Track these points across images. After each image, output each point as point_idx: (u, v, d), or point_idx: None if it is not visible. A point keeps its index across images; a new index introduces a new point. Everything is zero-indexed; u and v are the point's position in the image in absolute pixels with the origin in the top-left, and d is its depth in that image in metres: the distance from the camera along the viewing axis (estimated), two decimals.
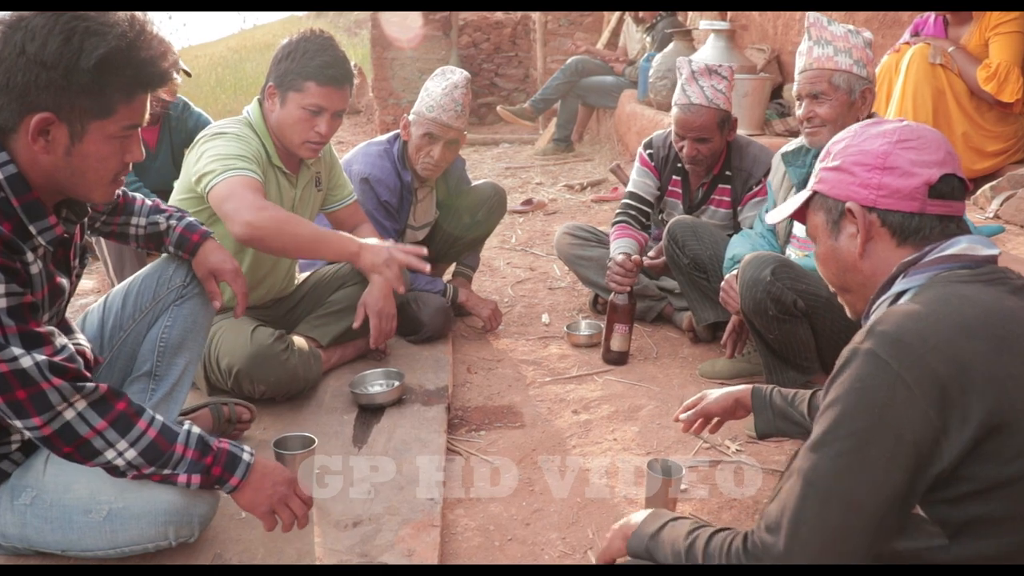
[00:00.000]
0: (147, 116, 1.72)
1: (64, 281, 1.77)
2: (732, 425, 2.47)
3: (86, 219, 1.91)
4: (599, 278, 3.56)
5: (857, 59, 2.56)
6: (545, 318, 3.67)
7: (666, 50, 6.14)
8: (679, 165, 3.39)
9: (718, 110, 3.18)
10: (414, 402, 2.70)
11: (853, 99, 2.54)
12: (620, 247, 3.30)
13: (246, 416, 2.45)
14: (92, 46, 1.53)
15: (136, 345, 2.13)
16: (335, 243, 2.53)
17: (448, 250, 3.66)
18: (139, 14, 1.65)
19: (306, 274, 3.07)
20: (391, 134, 3.37)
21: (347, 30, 17.44)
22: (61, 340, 1.64)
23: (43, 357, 1.56)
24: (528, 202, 5.66)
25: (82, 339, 1.99)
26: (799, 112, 2.62)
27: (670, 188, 3.46)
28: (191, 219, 2.19)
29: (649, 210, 3.51)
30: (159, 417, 1.71)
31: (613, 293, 3.17)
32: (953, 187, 1.42)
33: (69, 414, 1.60)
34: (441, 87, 3.22)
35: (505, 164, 7.19)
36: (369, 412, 2.63)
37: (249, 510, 1.82)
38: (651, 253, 3.35)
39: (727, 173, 3.34)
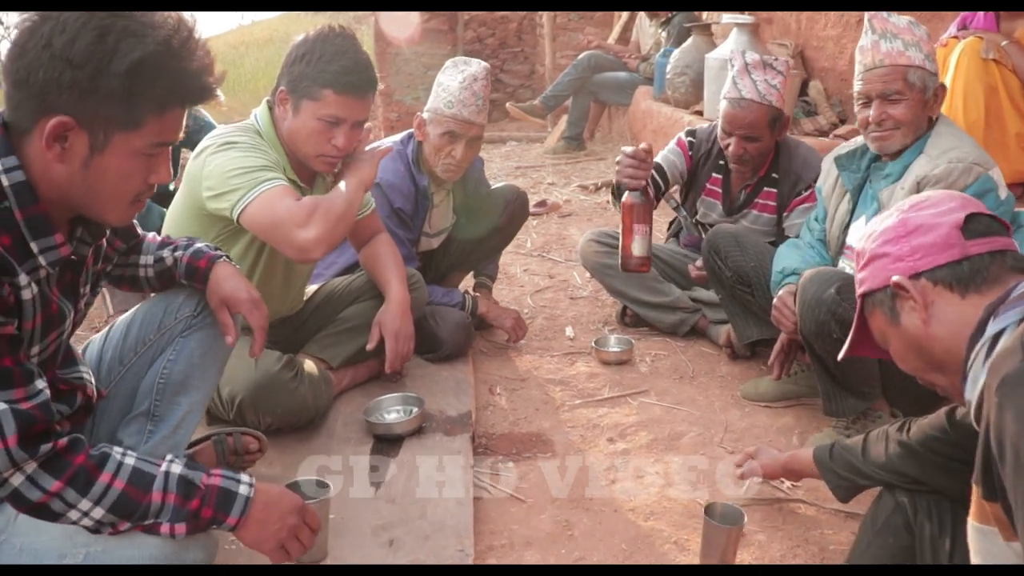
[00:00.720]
0: (181, 135, 1.53)
1: (66, 308, 1.56)
2: None
3: (102, 258, 1.71)
4: (628, 289, 3.32)
5: (927, 53, 2.31)
6: (569, 332, 3.42)
7: (684, 45, 5.90)
8: (721, 163, 3.15)
9: (770, 107, 2.95)
10: (435, 431, 2.45)
11: (927, 97, 2.29)
12: None
13: (254, 446, 2.20)
14: (128, 48, 1.36)
15: (137, 382, 1.88)
16: (355, 192, 2.27)
17: (466, 258, 3.41)
18: (187, 17, 1.47)
19: (315, 287, 2.82)
20: (404, 134, 3.09)
21: (357, 18, 17.12)
22: (38, 384, 1.42)
23: (3, 406, 1.34)
24: (542, 204, 5.41)
25: (85, 371, 1.77)
26: (868, 113, 2.34)
27: (708, 187, 3.21)
28: (199, 244, 1.94)
29: (664, 185, 3.23)
30: (130, 459, 1.47)
31: (626, 192, 2.73)
32: (986, 224, 1.38)
33: (16, 479, 1.37)
34: (458, 80, 2.94)
35: (515, 163, 6.93)
36: (386, 443, 2.38)
37: (255, 548, 1.58)
38: (699, 263, 3.10)
39: (774, 176, 3.10)
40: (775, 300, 2.47)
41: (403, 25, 8.27)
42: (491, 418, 2.69)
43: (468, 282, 3.60)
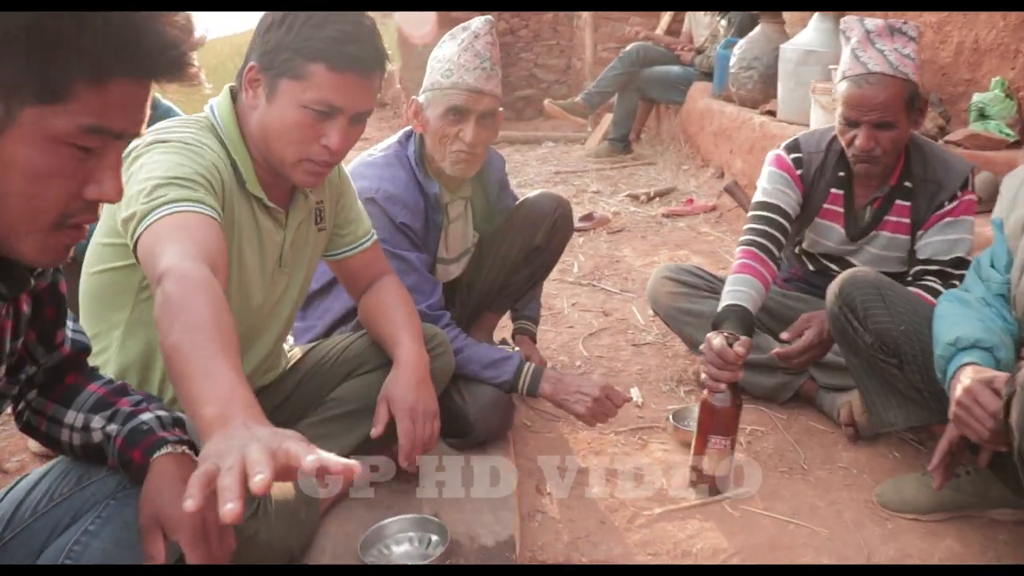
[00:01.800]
0: (141, 126, 1.03)
1: None
2: None
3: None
4: None
5: None
6: (636, 394, 2.66)
7: (751, 35, 5.15)
8: (841, 175, 2.39)
9: (906, 81, 2.22)
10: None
11: None
12: (732, 297, 2.24)
13: None
14: None
15: (27, 557, 1.21)
16: (196, 387, 1.09)
17: (499, 291, 2.63)
18: None
19: (300, 348, 2.09)
20: (401, 132, 2.35)
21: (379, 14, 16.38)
22: None
23: None
24: (588, 217, 4.64)
25: None
26: None
27: (825, 206, 2.44)
28: (146, 415, 1.27)
29: (789, 227, 2.44)
30: None
31: (706, 390, 2.11)
32: None
33: None
34: (457, 44, 2.21)
35: (553, 167, 6.17)
36: None
37: None
38: (784, 335, 2.33)
39: (907, 184, 2.35)
40: (959, 392, 1.70)
41: (420, 23, 7.57)
42: (540, 536, 1.95)
43: (503, 324, 2.85)
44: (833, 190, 2.43)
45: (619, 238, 4.45)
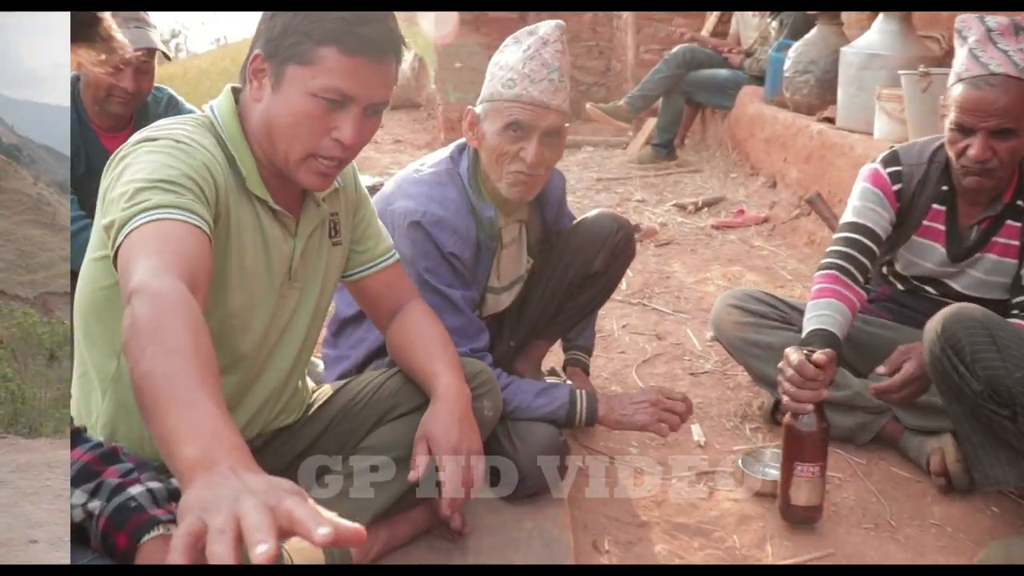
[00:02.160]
0: None
1: None
2: None
3: None
4: None
5: None
6: (697, 432, 2.42)
7: (808, 37, 4.89)
8: (944, 189, 2.16)
9: None
10: None
11: None
12: (816, 322, 2.04)
13: None
14: None
15: None
16: (172, 421, 0.92)
17: (551, 320, 2.40)
18: None
19: (332, 386, 1.87)
20: (453, 146, 2.11)
21: (406, 18, 16.13)
22: None
23: None
24: (635, 228, 4.38)
25: None
26: None
27: (925, 223, 2.21)
28: (134, 491, 1.08)
29: (877, 251, 2.23)
30: None
31: (788, 412, 1.93)
32: None
33: None
34: (521, 50, 1.97)
35: (595, 174, 5.92)
36: None
37: None
38: (881, 368, 2.08)
39: (1020, 203, 2.12)
40: None
41: (440, 23, 7.37)
42: None
43: (554, 351, 2.62)
44: (935, 206, 2.20)
45: (668, 251, 4.21)
